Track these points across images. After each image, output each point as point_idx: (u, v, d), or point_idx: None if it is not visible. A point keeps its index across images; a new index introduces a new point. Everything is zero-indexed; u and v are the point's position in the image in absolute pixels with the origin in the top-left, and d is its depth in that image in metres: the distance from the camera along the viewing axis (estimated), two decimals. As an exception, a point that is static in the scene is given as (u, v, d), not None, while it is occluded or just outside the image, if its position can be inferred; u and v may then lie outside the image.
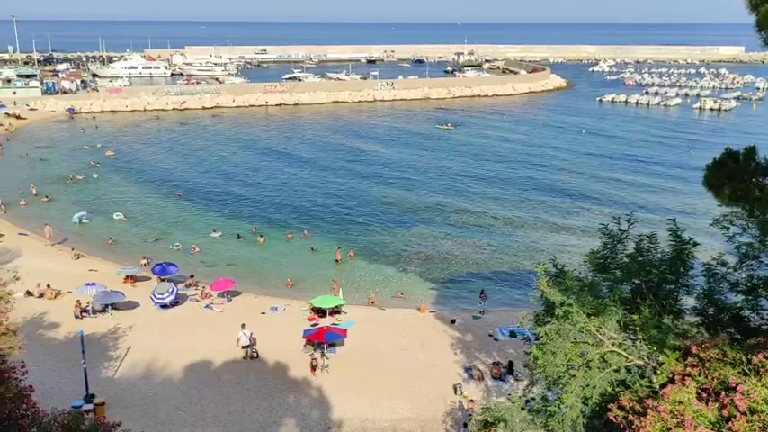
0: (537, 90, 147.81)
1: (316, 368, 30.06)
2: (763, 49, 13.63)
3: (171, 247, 48.80)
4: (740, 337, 14.39)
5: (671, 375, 13.04)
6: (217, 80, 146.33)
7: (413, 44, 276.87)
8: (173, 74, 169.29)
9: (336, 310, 37.19)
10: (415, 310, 38.26)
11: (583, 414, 15.43)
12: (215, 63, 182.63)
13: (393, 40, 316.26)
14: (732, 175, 14.41)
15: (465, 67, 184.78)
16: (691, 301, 16.48)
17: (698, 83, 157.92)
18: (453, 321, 36.45)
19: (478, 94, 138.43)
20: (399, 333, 34.81)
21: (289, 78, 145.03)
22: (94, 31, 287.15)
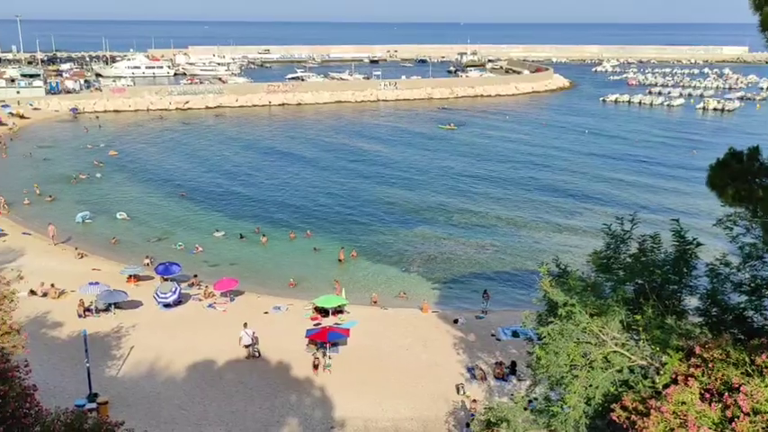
0: (540, 90, 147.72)
1: (318, 367, 30.09)
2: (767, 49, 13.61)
3: (174, 247, 48.85)
4: (743, 337, 14.38)
5: (674, 376, 13.04)
6: (220, 80, 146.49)
7: (416, 44, 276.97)
8: (176, 73, 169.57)
9: (339, 310, 37.20)
10: (418, 309, 38.26)
11: (585, 414, 15.42)
12: (218, 63, 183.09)
13: (396, 39, 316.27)
14: (735, 175, 14.37)
15: (468, 67, 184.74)
16: (694, 302, 16.47)
17: (701, 83, 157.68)
18: (456, 321, 36.44)
19: (481, 94, 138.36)
20: (402, 333, 34.81)
21: (292, 78, 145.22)
22: (98, 31, 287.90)
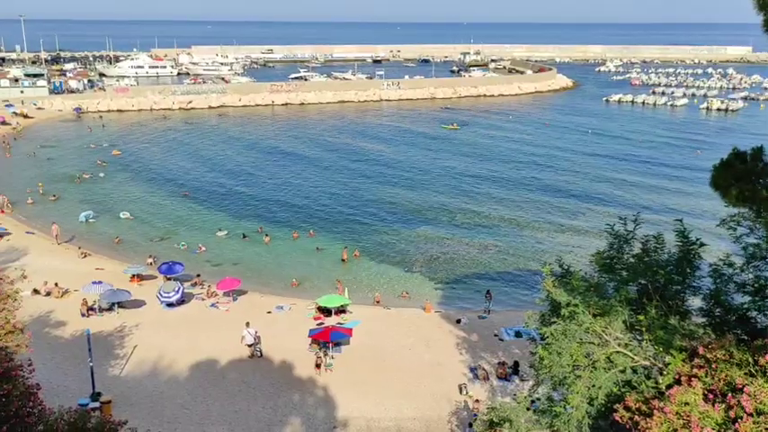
0: (543, 90, 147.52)
1: (321, 366, 30.11)
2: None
3: (177, 246, 48.92)
4: (747, 338, 14.33)
5: (677, 376, 13.01)
6: (223, 79, 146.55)
7: (419, 44, 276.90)
8: (179, 73, 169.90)
9: (342, 310, 37.21)
10: (421, 309, 38.25)
11: (588, 415, 15.40)
12: (221, 62, 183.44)
13: (399, 39, 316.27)
14: (739, 175, 14.34)
15: (471, 67, 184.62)
16: (697, 302, 16.43)
17: (705, 83, 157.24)
18: (459, 321, 36.43)
19: (484, 94, 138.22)
20: (404, 333, 34.81)
21: (295, 78, 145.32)
22: (101, 31, 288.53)
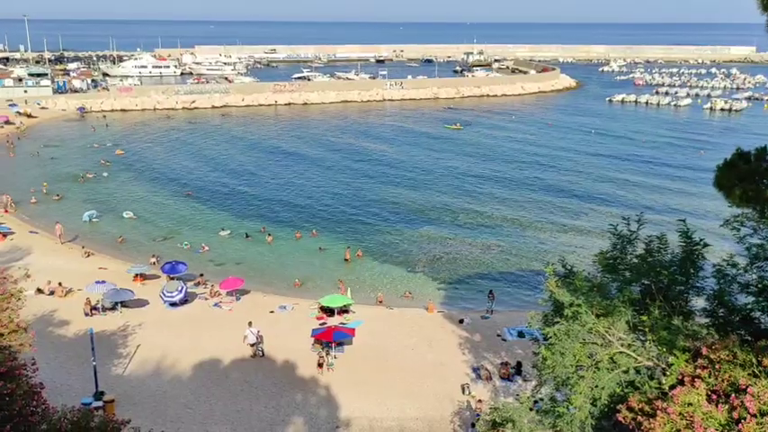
0: (546, 90, 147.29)
1: (323, 365, 30.12)
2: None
3: (180, 246, 49.00)
4: (750, 338, 14.29)
5: (680, 377, 12.99)
6: (226, 79, 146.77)
7: (422, 44, 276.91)
8: (182, 73, 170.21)
9: (344, 310, 37.21)
10: (423, 309, 38.22)
11: (591, 415, 15.38)
12: (224, 62, 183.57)
13: (402, 39, 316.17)
14: (743, 176, 14.29)
15: (474, 67, 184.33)
16: (701, 303, 16.41)
17: (709, 83, 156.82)
18: (461, 321, 36.41)
19: (487, 94, 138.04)
20: (407, 332, 34.80)
21: (298, 78, 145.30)
22: (105, 31, 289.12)
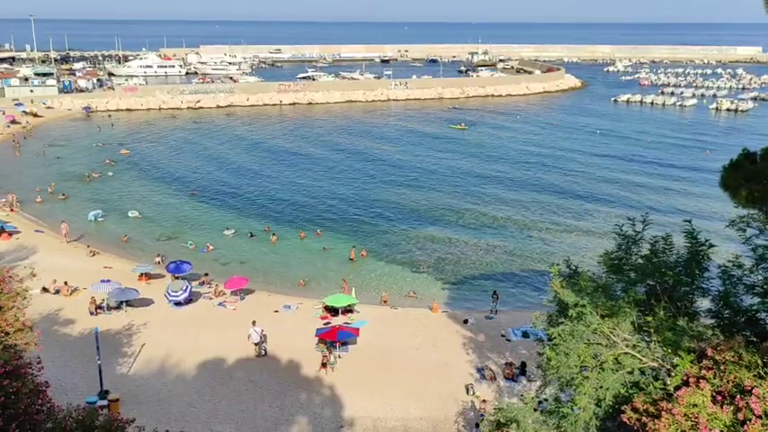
0: (551, 90, 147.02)
1: (326, 365, 30.15)
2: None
3: (185, 245, 49.08)
4: (756, 339, 14.26)
5: (685, 378, 12.95)
6: (231, 79, 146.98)
7: (427, 43, 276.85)
8: (188, 73, 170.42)
9: (349, 309, 37.24)
10: (428, 309, 38.23)
11: (596, 416, 15.36)
12: (229, 62, 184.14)
13: (407, 39, 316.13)
14: (749, 176, 14.25)
15: (479, 67, 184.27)
16: (706, 304, 16.36)
17: (714, 83, 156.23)
18: (466, 321, 36.39)
19: (492, 94, 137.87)
20: (412, 332, 34.80)
21: (302, 77, 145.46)
22: (110, 31, 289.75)
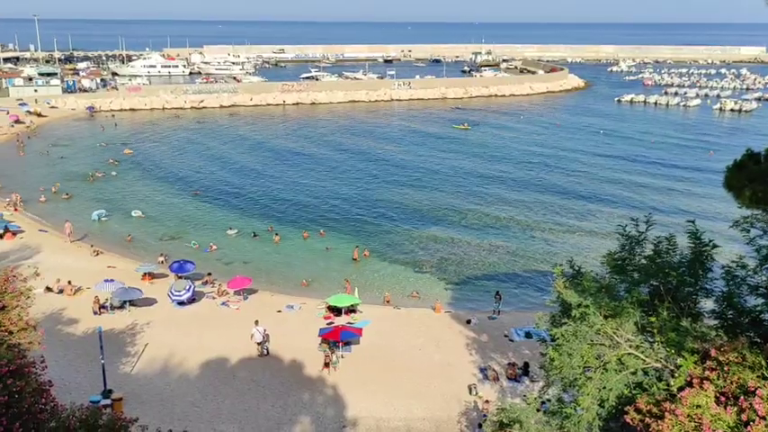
0: (555, 90, 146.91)
1: (329, 365, 30.15)
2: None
3: (188, 245, 49.16)
4: (760, 340, 14.20)
5: (689, 379, 12.91)
6: (234, 79, 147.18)
7: (430, 44, 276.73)
8: (191, 72, 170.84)
9: (352, 309, 37.24)
10: (431, 309, 38.21)
11: (599, 416, 15.32)
12: (233, 62, 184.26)
13: (410, 39, 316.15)
14: (753, 176, 14.18)
15: (482, 67, 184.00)
16: (710, 304, 16.30)
17: (718, 83, 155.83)
18: (469, 321, 36.36)
19: (496, 94, 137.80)
20: (414, 332, 34.79)
21: (306, 77, 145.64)
22: (114, 30, 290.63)
